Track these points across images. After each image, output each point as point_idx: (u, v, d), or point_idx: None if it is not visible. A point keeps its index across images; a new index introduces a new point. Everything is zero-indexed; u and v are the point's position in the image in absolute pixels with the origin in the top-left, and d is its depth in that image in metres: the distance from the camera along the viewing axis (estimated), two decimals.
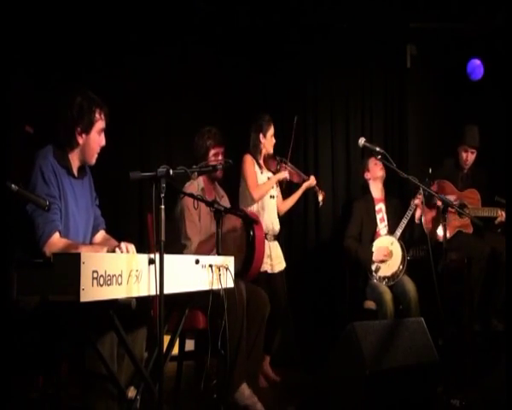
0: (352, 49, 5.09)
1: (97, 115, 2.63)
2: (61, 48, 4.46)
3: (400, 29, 5.05)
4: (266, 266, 4.02)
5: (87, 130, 2.62)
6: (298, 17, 4.90)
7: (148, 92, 4.77)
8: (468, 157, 4.52)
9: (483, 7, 4.74)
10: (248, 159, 4.13)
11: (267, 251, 4.00)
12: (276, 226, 4.18)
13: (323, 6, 4.82)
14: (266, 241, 3.96)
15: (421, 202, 4.13)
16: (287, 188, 4.39)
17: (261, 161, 4.19)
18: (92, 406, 2.31)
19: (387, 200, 4.52)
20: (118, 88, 4.59)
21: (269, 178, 4.18)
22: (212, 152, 3.68)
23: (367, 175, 4.53)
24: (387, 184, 4.54)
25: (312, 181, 4.26)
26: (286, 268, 4.21)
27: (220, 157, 3.68)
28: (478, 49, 4.97)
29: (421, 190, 3.90)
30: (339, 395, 2.95)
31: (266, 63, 5.00)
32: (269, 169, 4.22)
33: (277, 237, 4.22)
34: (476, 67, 4.96)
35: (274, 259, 4.11)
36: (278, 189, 4.30)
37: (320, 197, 4.25)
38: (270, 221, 4.12)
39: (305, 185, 4.26)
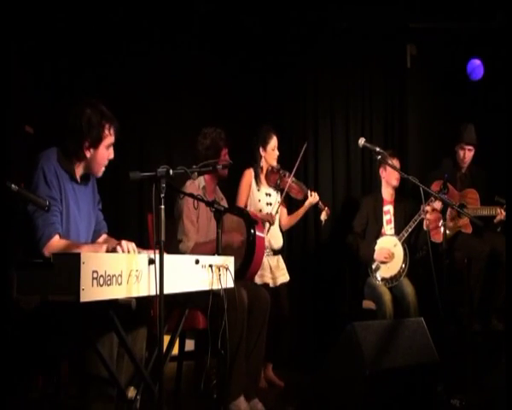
0: (352, 49, 5.09)
1: (106, 131, 2.61)
2: (62, 47, 4.46)
3: (400, 29, 5.05)
4: (267, 279, 3.98)
5: (95, 145, 2.60)
6: (298, 17, 4.90)
7: (148, 92, 4.76)
8: (466, 155, 4.51)
9: (483, 7, 4.73)
10: (246, 175, 4.09)
11: (267, 265, 3.98)
12: (276, 244, 4.10)
13: (323, 6, 4.82)
14: (265, 256, 3.86)
15: (433, 210, 4.10)
16: (289, 200, 4.39)
17: (262, 176, 4.13)
18: (89, 408, 2.31)
19: (397, 203, 4.47)
20: (118, 88, 4.59)
21: (267, 194, 4.13)
22: (223, 152, 3.67)
23: (382, 173, 4.47)
24: (400, 187, 4.49)
25: (315, 199, 4.11)
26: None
27: (227, 157, 3.68)
28: (478, 49, 4.97)
29: (432, 198, 3.90)
30: (339, 395, 2.95)
31: (266, 63, 4.99)
32: (269, 184, 4.16)
33: (280, 252, 4.16)
34: (476, 67, 4.94)
35: (275, 272, 4.05)
36: (282, 206, 4.20)
37: (323, 215, 4.10)
38: (268, 238, 3.98)
39: (307, 203, 4.13)
